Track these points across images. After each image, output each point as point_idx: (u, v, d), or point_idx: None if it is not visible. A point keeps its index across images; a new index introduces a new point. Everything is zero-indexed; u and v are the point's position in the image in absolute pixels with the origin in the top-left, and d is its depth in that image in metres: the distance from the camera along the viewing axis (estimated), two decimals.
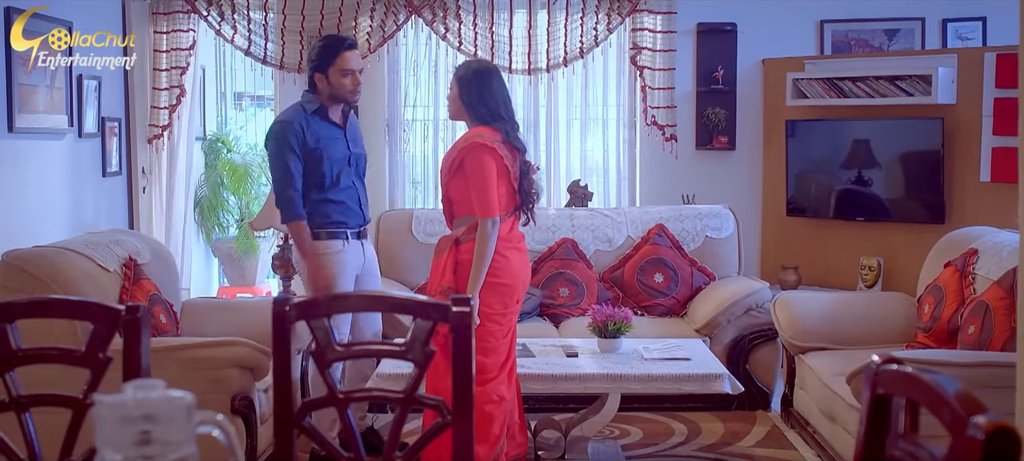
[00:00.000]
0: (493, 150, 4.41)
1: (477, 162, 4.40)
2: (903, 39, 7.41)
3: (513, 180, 4.52)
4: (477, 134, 4.46)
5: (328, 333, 2.38)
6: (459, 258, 4.50)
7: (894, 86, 6.65)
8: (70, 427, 2.41)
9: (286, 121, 4.89)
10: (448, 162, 4.55)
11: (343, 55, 4.88)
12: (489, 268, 4.43)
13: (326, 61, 4.88)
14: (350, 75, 4.89)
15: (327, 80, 4.90)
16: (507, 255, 4.51)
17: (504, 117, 4.53)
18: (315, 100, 4.95)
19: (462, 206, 4.52)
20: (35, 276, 4.69)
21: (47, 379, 2.50)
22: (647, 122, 7.32)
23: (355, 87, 4.94)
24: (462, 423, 2.34)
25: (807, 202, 7.20)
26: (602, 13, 7.22)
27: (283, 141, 4.82)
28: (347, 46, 4.93)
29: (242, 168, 8.45)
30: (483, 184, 4.38)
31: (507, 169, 4.46)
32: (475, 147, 4.42)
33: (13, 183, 5.58)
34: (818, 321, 5.55)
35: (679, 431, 5.68)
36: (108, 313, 2.39)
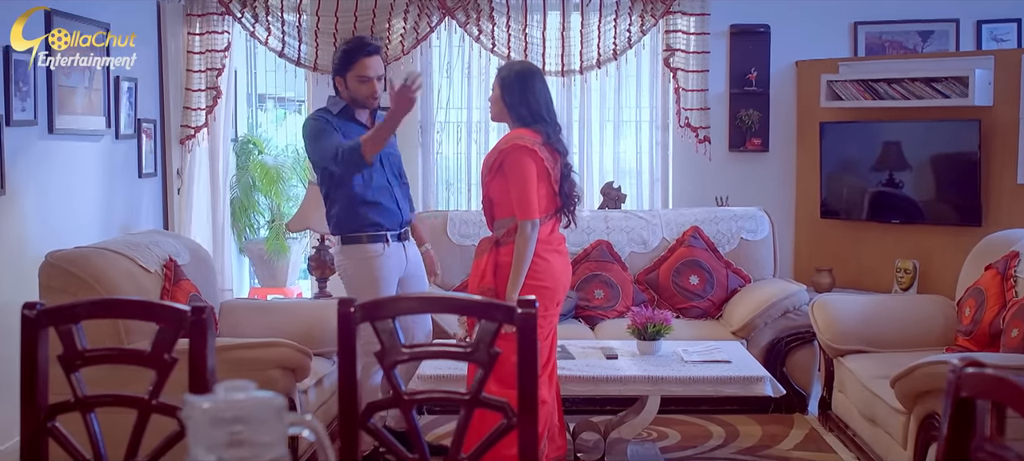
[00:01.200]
0: (533, 152, 4.40)
1: (516, 164, 4.39)
2: (937, 41, 7.38)
3: (554, 182, 4.51)
4: (517, 136, 4.46)
5: (393, 335, 2.38)
6: (499, 260, 4.49)
7: (930, 88, 6.62)
8: (135, 428, 2.42)
9: (315, 115, 4.92)
10: (488, 163, 4.55)
11: (361, 61, 4.85)
12: (529, 271, 4.42)
13: (345, 66, 4.88)
14: (367, 82, 4.86)
15: (345, 84, 4.89)
16: (547, 257, 4.50)
17: (546, 119, 4.52)
18: (340, 101, 4.94)
19: (502, 207, 4.51)
20: (78, 276, 4.71)
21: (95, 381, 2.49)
22: (680, 124, 7.30)
23: (371, 93, 4.89)
24: (527, 424, 2.34)
25: (841, 204, 7.17)
26: (635, 15, 7.22)
27: (319, 125, 4.81)
28: (367, 52, 4.88)
29: (273, 170, 8.47)
30: (523, 186, 4.37)
31: (547, 171, 4.45)
32: (515, 149, 4.41)
33: (53, 184, 5.60)
34: (856, 324, 5.52)
35: (717, 434, 5.66)
36: (175, 314, 2.40)
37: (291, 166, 8.81)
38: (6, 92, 5.10)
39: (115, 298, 3.69)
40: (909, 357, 4.87)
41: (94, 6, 5.98)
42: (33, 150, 5.38)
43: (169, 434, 2.41)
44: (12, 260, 5.17)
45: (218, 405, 1.52)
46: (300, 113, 12.36)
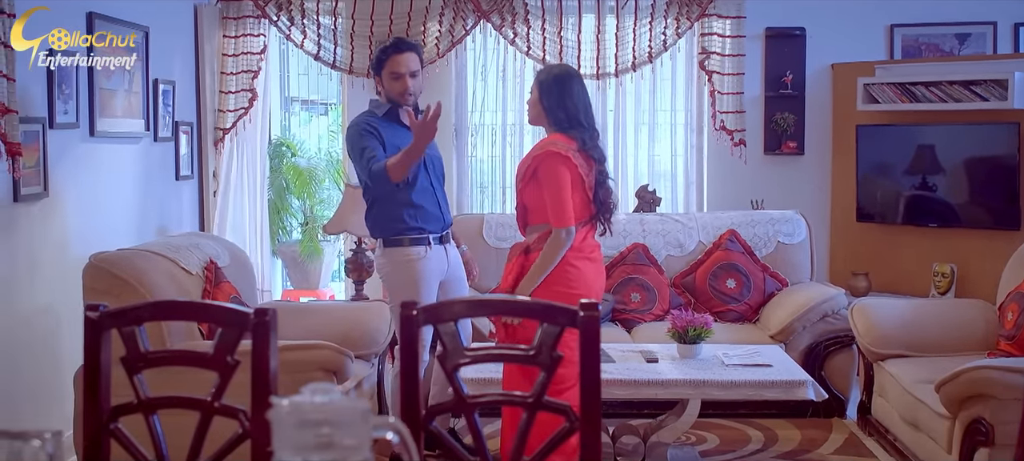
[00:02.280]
0: (567, 159, 4.38)
1: (550, 171, 4.37)
2: (974, 43, 7.34)
3: (588, 189, 4.48)
4: (552, 142, 4.44)
5: (455, 337, 2.38)
6: (525, 266, 4.48)
7: (968, 91, 6.58)
8: (197, 430, 2.43)
9: (358, 121, 4.93)
10: (522, 169, 4.54)
11: (393, 58, 4.89)
12: (561, 278, 4.39)
13: (379, 64, 4.93)
14: (400, 79, 4.89)
15: (382, 83, 4.93)
16: (578, 265, 4.46)
17: (583, 124, 4.49)
18: (384, 103, 4.97)
19: (536, 213, 4.50)
20: (121, 278, 4.73)
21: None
22: (715, 127, 7.29)
23: (404, 91, 4.91)
24: (590, 427, 2.33)
25: (877, 208, 7.14)
26: (671, 18, 7.21)
27: (361, 132, 4.83)
28: (398, 49, 4.92)
29: (307, 172, 8.50)
30: (557, 193, 4.35)
31: (581, 178, 4.43)
32: (549, 155, 4.39)
33: (93, 186, 5.63)
34: (897, 328, 5.49)
35: (755, 438, 5.64)
36: (237, 317, 2.40)
37: (324, 169, 8.83)
38: (49, 95, 5.13)
39: (178, 301, 3.70)
40: (951, 362, 4.85)
41: (134, 9, 6.00)
42: (75, 152, 5.41)
43: (231, 436, 2.41)
44: (55, 261, 5.20)
45: (305, 407, 1.52)
46: (327, 116, 12.42)
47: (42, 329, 5.13)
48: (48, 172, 5.12)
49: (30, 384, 5.02)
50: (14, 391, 4.87)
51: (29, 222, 5.01)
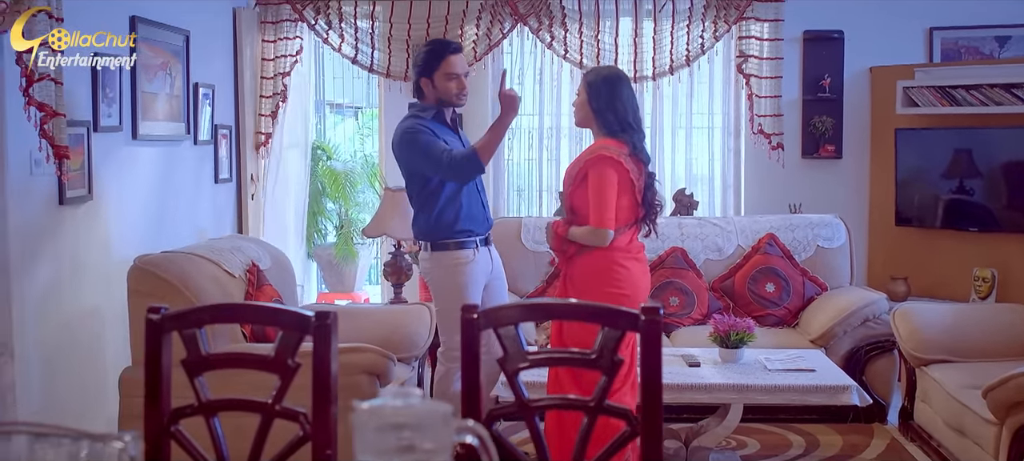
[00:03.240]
0: (618, 163, 4.39)
1: (599, 174, 4.39)
2: (1015, 46, 7.28)
3: (637, 192, 4.49)
4: (604, 146, 4.45)
5: (516, 341, 2.37)
6: (569, 271, 4.51)
7: (1010, 94, 6.53)
8: (258, 433, 2.43)
9: (411, 126, 4.86)
10: (572, 173, 4.54)
11: (448, 59, 4.85)
12: (610, 277, 4.42)
13: (431, 66, 4.86)
14: (455, 79, 4.86)
15: (433, 85, 4.87)
16: (627, 265, 4.48)
17: (633, 127, 4.51)
18: (427, 106, 4.92)
19: (584, 217, 4.50)
20: (167, 281, 4.76)
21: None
22: (753, 130, 7.26)
23: (460, 91, 4.89)
24: (651, 432, 2.32)
25: (916, 211, 7.09)
26: (709, 21, 7.19)
27: (421, 134, 4.78)
28: (452, 50, 4.89)
29: (342, 175, 8.52)
30: (602, 196, 4.37)
31: (631, 182, 4.44)
32: (600, 159, 4.40)
33: (136, 189, 5.67)
34: (940, 333, 5.45)
35: (797, 443, 5.61)
36: (299, 320, 2.41)
37: (359, 172, 8.87)
38: (94, 99, 5.16)
39: (239, 303, 3.72)
40: (997, 367, 4.82)
41: (175, 13, 6.04)
42: (118, 155, 5.45)
43: (291, 439, 2.42)
44: (99, 263, 5.24)
45: (386, 411, 1.53)
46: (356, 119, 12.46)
47: (86, 331, 5.17)
48: (92, 175, 5.15)
49: (75, 385, 5.05)
50: (59, 392, 4.91)
51: (74, 225, 5.04)
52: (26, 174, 4.62)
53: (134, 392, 4.81)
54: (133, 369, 4.88)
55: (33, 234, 4.72)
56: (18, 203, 4.53)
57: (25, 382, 4.51)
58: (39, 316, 4.73)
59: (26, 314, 4.57)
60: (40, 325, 4.73)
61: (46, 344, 4.80)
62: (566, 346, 4.24)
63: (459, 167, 4.71)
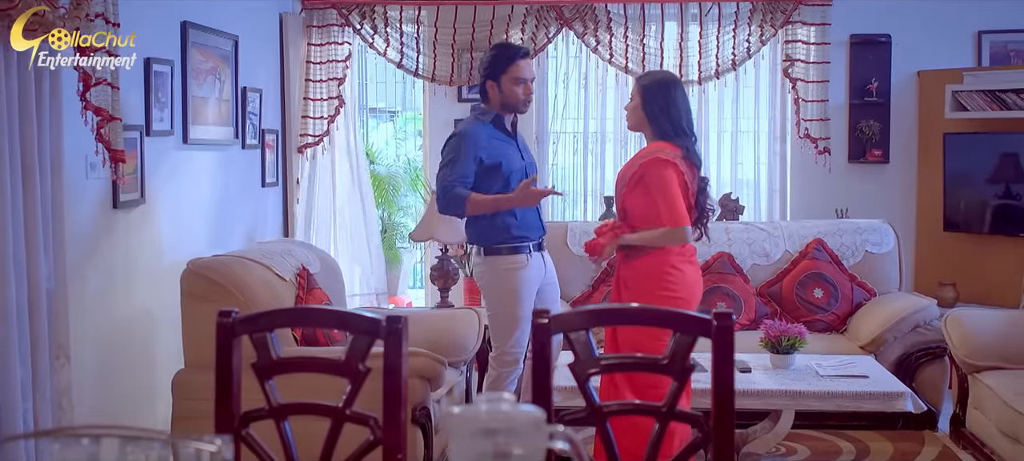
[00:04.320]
0: (674, 165, 4.40)
1: (659, 176, 4.38)
2: None
3: (691, 196, 4.49)
4: (658, 149, 4.45)
5: (587, 346, 2.37)
6: (622, 274, 4.51)
7: None
8: (328, 436, 2.44)
9: (465, 133, 4.88)
10: (627, 175, 4.54)
11: (517, 63, 4.88)
12: (665, 280, 4.41)
13: (500, 69, 4.88)
14: (522, 84, 4.89)
15: (499, 88, 4.89)
16: (681, 268, 4.49)
17: (686, 131, 4.51)
18: (490, 110, 4.95)
19: (638, 220, 4.50)
20: (219, 284, 4.79)
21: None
22: (799, 135, 7.22)
23: (527, 96, 4.93)
24: (723, 438, 2.31)
25: (965, 216, 7.03)
26: (755, 25, 7.16)
27: (462, 149, 4.82)
28: (521, 54, 4.92)
29: (386, 180, 8.54)
30: (669, 196, 4.37)
31: (686, 185, 4.45)
32: (656, 162, 4.40)
33: (186, 192, 5.70)
34: (993, 339, 5.39)
35: (847, 450, 5.57)
36: (369, 324, 2.41)
37: (401, 176, 8.89)
38: (146, 103, 5.20)
39: (311, 307, 3.74)
40: None
41: (224, 18, 6.07)
42: (169, 159, 5.48)
43: (362, 443, 2.42)
44: (151, 266, 5.27)
45: (481, 416, 1.52)
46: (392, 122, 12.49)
47: (138, 333, 5.20)
48: (145, 179, 5.19)
49: (127, 388, 5.08)
50: (112, 395, 4.94)
51: (127, 228, 5.08)
52: (82, 178, 4.66)
53: (187, 394, 4.85)
54: (186, 371, 4.92)
55: (88, 237, 4.76)
56: (74, 206, 4.57)
57: (80, 384, 4.54)
58: (93, 319, 4.76)
59: (81, 317, 4.60)
60: (94, 328, 4.77)
61: (100, 347, 4.83)
62: (620, 350, 4.24)
63: (447, 200, 4.83)
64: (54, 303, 4.17)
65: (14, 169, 3.89)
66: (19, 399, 3.91)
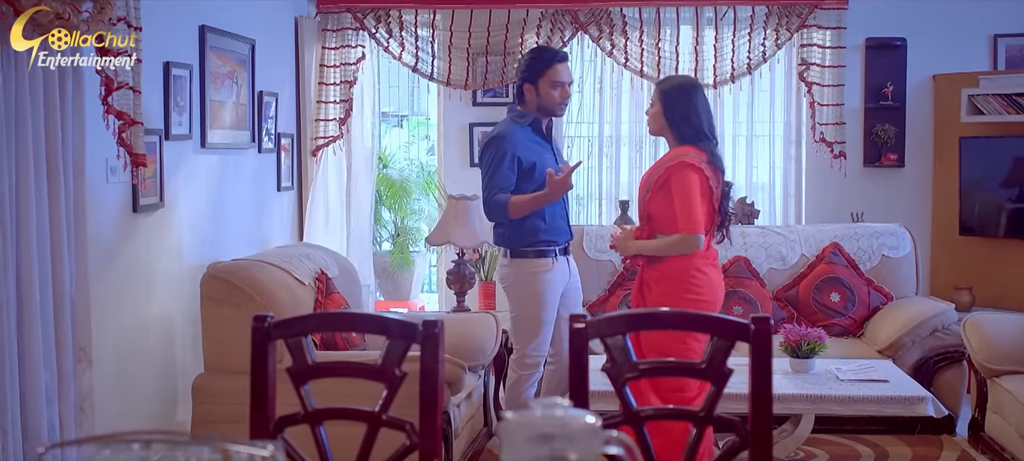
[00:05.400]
0: (700, 170, 4.40)
1: (683, 181, 4.38)
2: None
3: (715, 200, 4.49)
4: (683, 153, 4.45)
5: (624, 351, 2.36)
6: (645, 277, 4.51)
7: None
8: (364, 441, 2.43)
9: (502, 135, 4.91)
10: (651, 178, 4.53)
11: (555, 67, 4.90)
12: (690, 284, 4.42)
13: (537, 72, 4.90)
14: (560, 87, 4.92)
15: (536, 91, 4.91)
16: (706, 271, 4.50)
17: (708, 136, 4.51)
18: (526, 113, 4.96)
19: (661, 223, 4.50)
20: (239, 288, 4.79)
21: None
22: (815, 139, 7.21)
23: (564, 100, 4.98)
24: (760, 442, 2.31)
25: (981, 220, 7.02)
26: (770, 29, 7.15)
27: (500, 153, 4.84)
28: (560, 58, 4.95)
29: (399, 184, 8.54)
30: (688, 201, 4.37)
31: (710, 190, 4.45)
32: (682, 165, 4.40)
33: (204, 196, 5.70)
34: (1013, 343, 5.38)
35: (866, 455, 5.56)
36: (405, 329, 2.41)
37: (414, 180, 8.89)
38: (165, 107, 5.20)
39: (347, 312, 3.74)
40: None
41: (242, 22, 6.08)
42: (187, 163, 5.48)
43: (398, 448, 2.42)
44: (169, 270, 5.27)
45: (537, 421, 1.52)
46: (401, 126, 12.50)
47: (158, 337, 5.20)
48: (164, 183, 5.19)
49: (146, 391, 5.08)
50: (132, 398, 4.93)
51: (147, 232, 5.08)
52: (103, 182, 4.66)
53: (207, 399, 4.85)
54: (206, 376, 4.92)
55: (108, 241, 4.76)
56: (95, 210, 4.56)
57: (101, 388, 4.54)
58: (113, 323, 4.76)
59: (102, 321, 4.60)
60: (114, 332, 4.76)
61: (120, 351, 4.83)
62: (644, 355, 4.23)
63: (490, 206, 4.89)
64: (76, 307, 4.17)
65: (39, 173, 3.89)
66: (44, 403, 3.91)
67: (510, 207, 4.80)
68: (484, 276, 7.01)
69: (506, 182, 4.82)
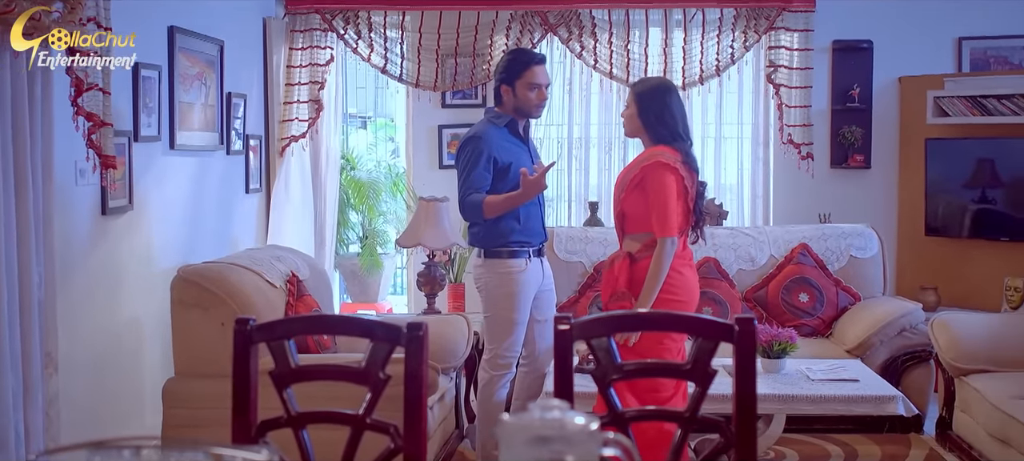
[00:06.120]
0: (675, 170, 4.41)
1: (659, 181, 4.39)
2: None
3: (690, 200, 4.51)
4: (659, 153, 4.46)
5: (609, 352, 2.36)
6: (634, 275, 4.50)
7: None
8: (348, 445, 2.42)
9: (478, 136, 4.92)
10: (627, 177, 4.55)
11: (532, 69, 4.91)
12: (666, 285, 4.42)
13: (515, 73, 4.91)
14: (536, 89, 4.93)
15: (513, 93, 4.92)
16: (683, 272, 4.51)
17: (683, 136, 4.53)
18: (503, 114, 4.97)
19: (635, 222, 4.52)
20: (210, 291, 4.75)
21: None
22: (782, 140, 7.26)
23: (540, 101, 4.98)
24: (745, 443, 2.31)
25: (946, 221, 7.09)
26: (738, 31, 7.19)
27: (475, 153, 4.85)
28: (537, 60, 4.97)
29: (367, 185, 8.51)
30: (664, 204, 4.38)
31: (686, 190, 4.46)
32: (658, 166, 4.41)
33: (173, 198, 5.65)
34: (980, 343, 5.44)
35: (835, 454, 5.60)
36: (389, 332, 2.40)
37: (382, 182, 8.86)
38: (135, 108, 5.15)
39: (330, 314, 3.71)
40: None
41: (210, 23, 6.03)
42: (156, 165, 5.43)
43: (382, 451, 2.40)
44: (139, 273, 5.23)
45: (536, 424, 1.51)
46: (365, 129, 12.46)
47: (127, 341, 5.15)
48: (133, 185, 5.14)
49: (115, 396, 5.03)
50: (101, 403, 4.89)
51: (116, 234, 5.03)
52: (71, 184, 4.61)
53: (178, 403, 4.80)
54: (177, 380, 4.87)
55: (77, 244, 4.71)
56: (63, 213, 4.52)
57: (68, 393, 4.49)
58: (82, 327, 4.71)
59: (70, 325, 4.55)
60: (83, 336, 4.71)
61: (88, 355, 4.78)
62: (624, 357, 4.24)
63: (465, 206, 4.88)
64: (44, 311, 4.12)
65: (6, 175, 3.84)
66: (11, 409, 3.86)
67: (485, 207, 4.80)
68: (454, 278, 6.99)
69: (481, 182, 4.83)
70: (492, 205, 4.80)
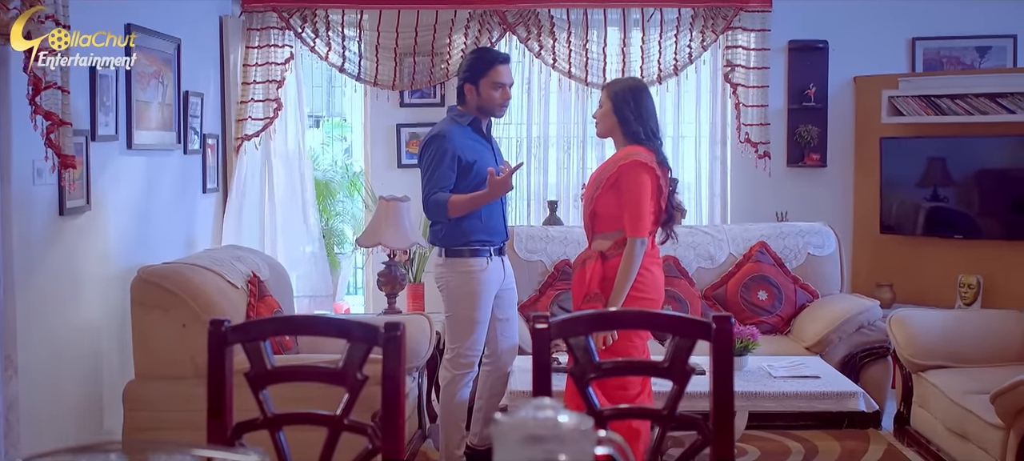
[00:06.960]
0: (651, 169, 4.43)
1: (635, 180, 4.41)
2: (995, 57, 7.39)
3: (663, 199, 4.54)
4: (635, 152, 4.47)
5: (587, 351, 2.36)
6: (606, 274, 4.51)
7: (994, 103, 6.64)
8: (325, 446, 2.40)
9: (442, 134, 4.91)
10: (602, 176, 4.55)
11: (497, 68, 4.92)
12: (635, 283, 4.43)
13: (479, 72, 4.91)
14: (500, 88, 4.94)
15: (477, 92, 4.92)
16: (652, 270, 4.54)
17: (656, 136, 4.55)
18: (466, 113, 4.97)
19: (606, 221, 4.53)
20: (171, 292, 4.71)
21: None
22: (740, 139, 7.30)
23: (504, 101, 4.99)
24: (723, 440, 2.33)
25: (901, 219, 7.17)
26: (696, 31, 7.23)
27: (440, 152, 4.83)
28: (501, 60, 4.98)
29: (323, 184, 8.45)
30: (638, 204, 4.40)
31: (660, 188, 4.49)
32: (635, 165, 4.43)
33: (131, 199, 5.58)
34: (937, 339, 5.52)
35: (796, 450, 5.64)
36: (366, 332, 2.38)
37: (339, 181, 8.81)
38: (92, 107, 5.08)
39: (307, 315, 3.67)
40: (995, 372, 4.93)
41: (168, 21, 5.97)
42: (114, 165, 5.36)
43: (360, 452, 2.39)
44: (97, 275, 5.15)
45: (530, 423, 1.51)
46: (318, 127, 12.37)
47: (86, 343, 5.08)
48: (90, 185, 5.07)
49: (75, 399, 4.96)
50: (61, 406, 4.82)
51: (74, 235, 4.96)
52: (29, 184, 4.53)
53: (139, 406, 4.76)
54: (138, 382, 4.82)
55: (35, 245, 4.63)
56: (21, 213, 4.45)
57: (27, 396, 4.42)
58: (40, 329, 4.64)
59: (28, 328, 4.48)
60: (41, 339, 4.64)
61: (47, 358, 4.70)
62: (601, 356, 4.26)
63: (430, 205, 4.88)
64: (4, 313, 4.06)
65: None
66: None
67: (450, 206, 4.79)
68: (413, 278, 6.97)
69: (446, 181, 4.82)
70: (457, 204, 4.80)
